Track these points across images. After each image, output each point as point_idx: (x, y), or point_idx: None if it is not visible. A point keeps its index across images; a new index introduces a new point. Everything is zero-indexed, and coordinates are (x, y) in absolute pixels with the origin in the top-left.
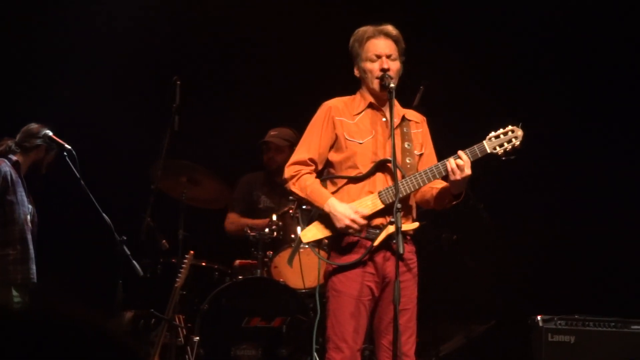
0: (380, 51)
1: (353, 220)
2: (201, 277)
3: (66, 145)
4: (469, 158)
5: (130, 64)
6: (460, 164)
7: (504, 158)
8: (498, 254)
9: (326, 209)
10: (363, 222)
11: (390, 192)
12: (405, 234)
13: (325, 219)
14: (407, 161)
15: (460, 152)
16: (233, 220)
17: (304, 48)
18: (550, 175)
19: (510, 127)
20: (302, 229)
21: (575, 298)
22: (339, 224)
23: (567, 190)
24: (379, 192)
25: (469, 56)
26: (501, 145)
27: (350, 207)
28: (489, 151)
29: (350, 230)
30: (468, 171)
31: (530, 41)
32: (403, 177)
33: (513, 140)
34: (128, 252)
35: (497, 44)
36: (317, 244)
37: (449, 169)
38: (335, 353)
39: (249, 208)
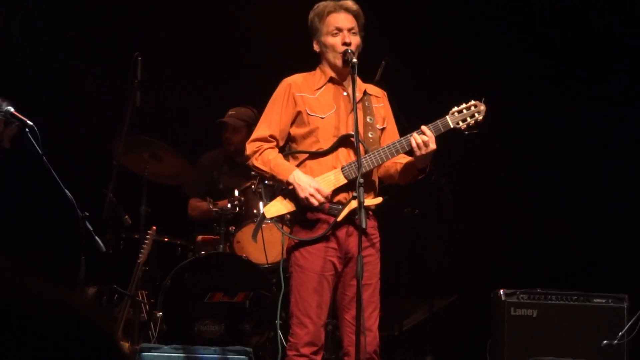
0: (342, 24)
1: (317, 190)
2: (164, 252)
3: (28, 122)
4: (433, 133)
5: (93, 39)
6: (425, 139)
7: (467, 133)
8: (460, 228)
9: (290, 179)
10: (323, 197)
11: (354, 167)
12: (367, 209)
13: (289, 194)
14: (370, 135)
15: (423, 127)
16: (194, 206)
17: (266, 25)
18: (512, 150)
19: (473, 102)
20: (264, 205)
21: (538, 272)
22: (302, 194)
23: (528, 165)
24: (342, 167)
25: (431, 30)
26: (464, 120)
27: (315, 180)
28: (452, 126)
29: (312, 200)
30: (433, 146)
31: (493, 15)
32: (366, 151)
33: (476, 115)
34: (90, 228)
35: (459, 17)
36: (280, 219)
37: (414, 144)
38: (299, 329)
39: (210, 189)
